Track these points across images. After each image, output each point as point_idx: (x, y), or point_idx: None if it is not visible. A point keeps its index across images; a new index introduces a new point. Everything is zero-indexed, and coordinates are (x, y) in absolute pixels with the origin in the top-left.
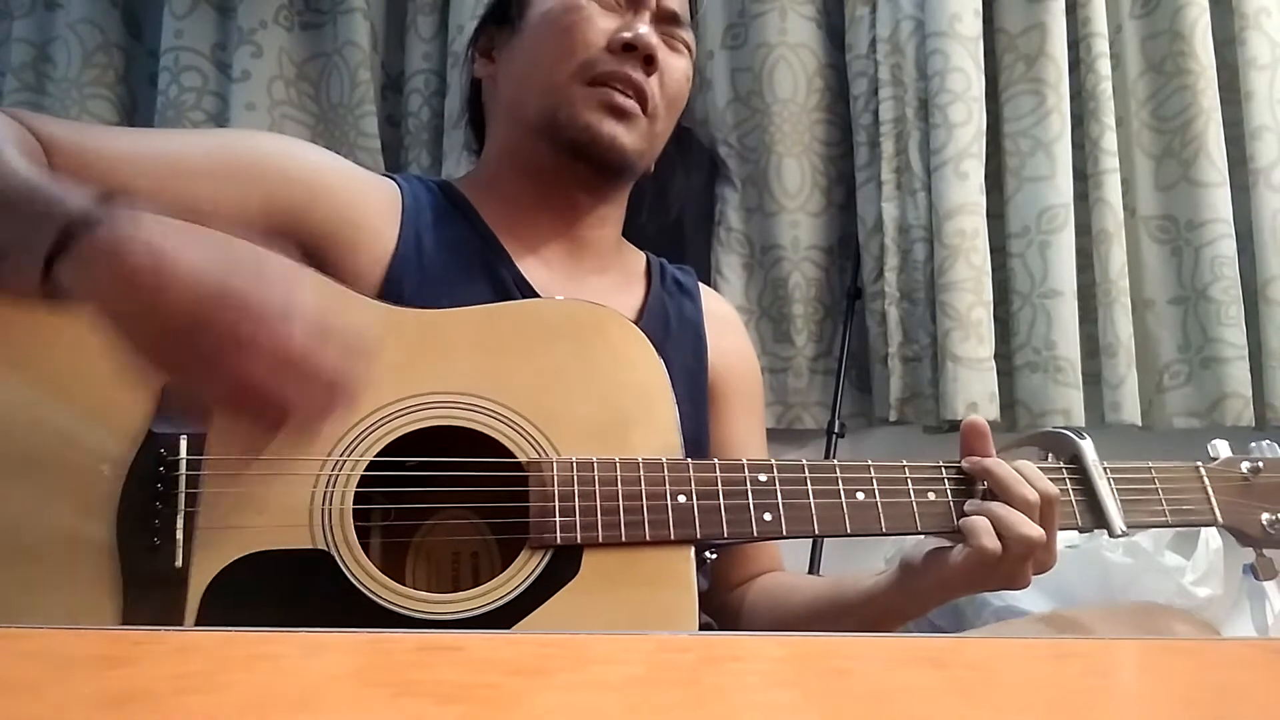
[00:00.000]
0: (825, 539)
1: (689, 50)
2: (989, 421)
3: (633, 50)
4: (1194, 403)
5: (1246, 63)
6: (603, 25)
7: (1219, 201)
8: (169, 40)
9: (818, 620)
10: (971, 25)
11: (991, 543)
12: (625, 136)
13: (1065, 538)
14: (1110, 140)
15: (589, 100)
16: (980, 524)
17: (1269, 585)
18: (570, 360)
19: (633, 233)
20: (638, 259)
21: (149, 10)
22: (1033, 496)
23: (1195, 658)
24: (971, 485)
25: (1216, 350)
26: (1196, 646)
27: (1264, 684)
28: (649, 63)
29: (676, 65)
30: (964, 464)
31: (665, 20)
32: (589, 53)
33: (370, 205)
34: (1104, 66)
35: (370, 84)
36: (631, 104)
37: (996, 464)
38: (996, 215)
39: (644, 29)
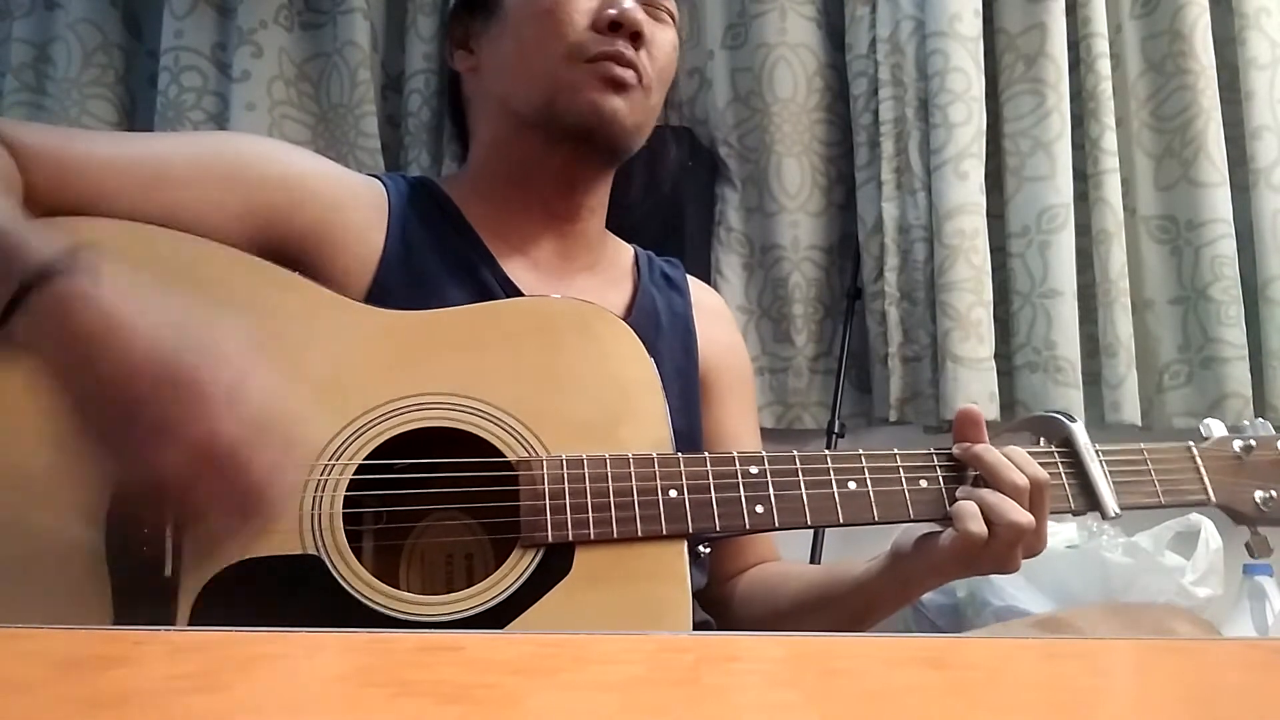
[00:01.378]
0: (825, 531)
1: (672, 18)
2: (988, 421)
3: (619, 28)
4: (1194, 403)
5: (1247, 62)
6: (585, 5)
7: (1219, 201)
8: (169, 40)
9: (810, 609)
10: (971, 25)
11: (978, 527)
12: (626, 110)
13: (1065, 538)
14: (1110, 140)
15: (586, 80)
16: (968, 508)
17: (1269, 585)
18: (558, 358)
19: (626, 213)
20: (625, 253)
21: (149, 10)
22: (1022, 482)
23: (1195, 658)
24: (964, 471)
25: (1216, 350)
26: (1196, 646)
27: (1264, 684)
28: (636, 39)
29: (664, 37)
30: (954, 450)
31: None
32: (576, 34)
33: (355, 207)
34: (1104, 66)
35: (370, 84)
36: (629, 74)
37: (986, 450)
38: (996, 215)
39: (628, 4)
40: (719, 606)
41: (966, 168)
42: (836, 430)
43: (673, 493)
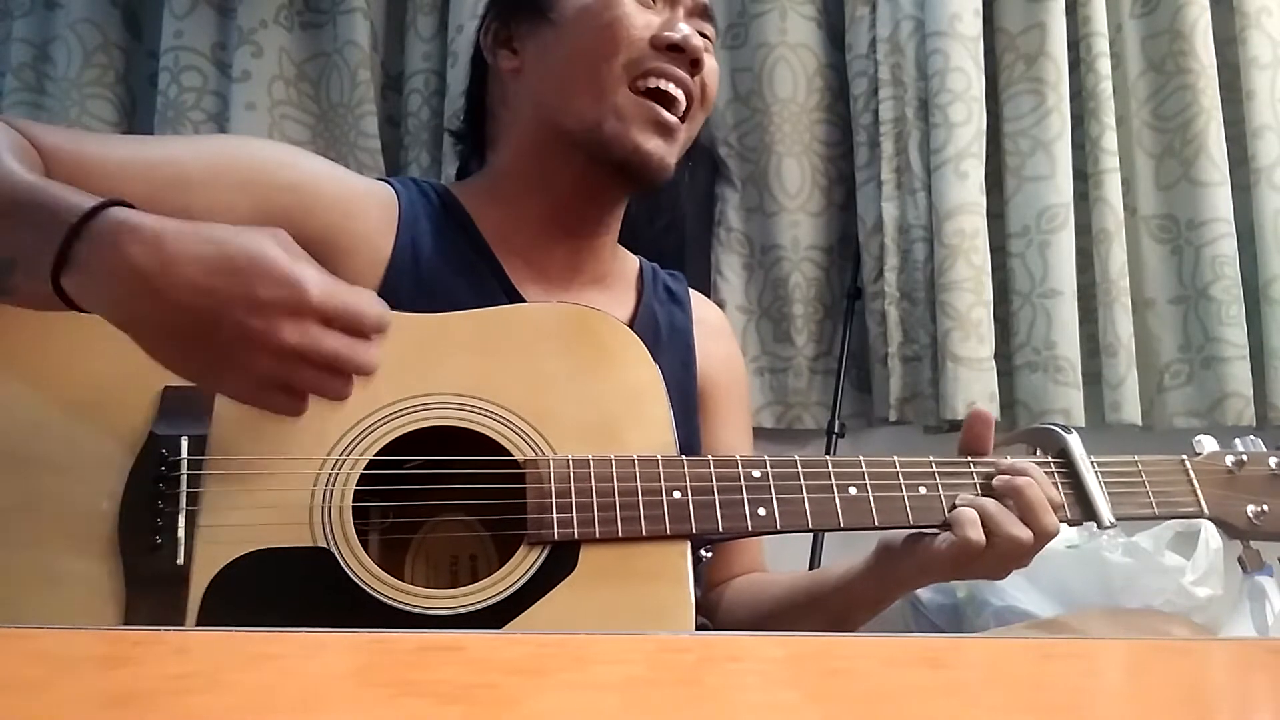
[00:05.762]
0: (825, 538)
1: (712, 45)
2: None
3: (679, 51)
4: (1195, 402)
5: (1248, 62)
6: (643, 20)
7: (1220, 201)
8: (169, 40)
9: (794, 608)
10: (971, 25)
11: (977, 535)
12: (669, 155)
13: (1065, 538)
14: (1110, 140)
15: (637, 115)
16: (969, 515)
17: (1269, 585)
18: (565, 362)
19: (644, 240)
20: (631, 265)
21: (149, 10)
22: (1053, 527)
23: (1195, 658)
24: (962, 479)
25: (1217, 350)
26: (1196, 646)
27: (1264, 684)
28: (695, 65)
29: (712, 66)
30: (995, 484)
31: (697, 14)
32: (634, 50)
33: (365, 214)
34: (1104, 66)
35: (370, 84)
36: (674, 119)
37: (1028, 485)
38: (996, 215)
39: (688, 29)
40: (705, 613)
41: (966, 168)
42: (836, 430)
43: (676, 494)
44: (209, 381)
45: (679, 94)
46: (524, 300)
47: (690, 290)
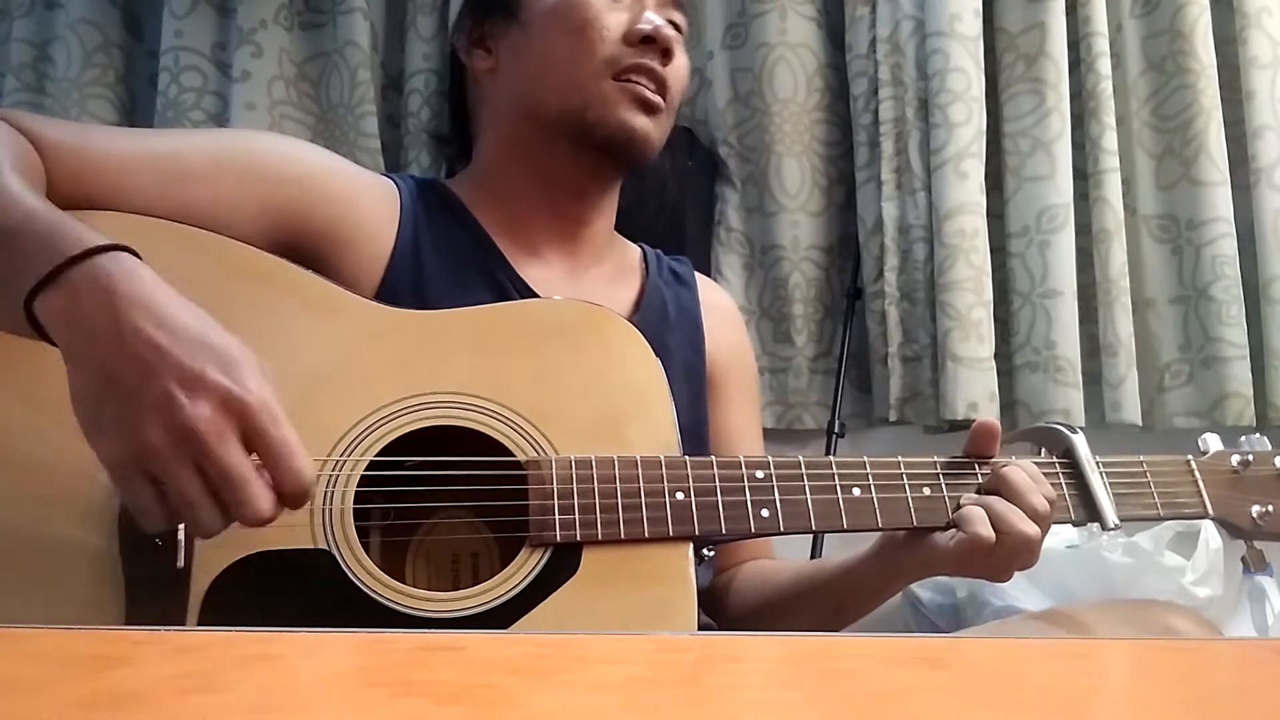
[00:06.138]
0: (827, 537)
1: (683, 34)
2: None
3: (651, 43)
4: (1195, 402)
5: (1248, 62)
6: (614, 20)
7: (1220, 200)
8: (169, 40)
9: (797, 597)
10: (971, 25)
11: (986, 531)
12: (654, 131)
13: (1066, 538)
14: (1110, 139)
15: (619, 97)
16: (976, 513)
17: (1269, 585)
18: (567, 360)
19: (637, 226)
20: (632, 251)
21: (149, 10)
22: (1043, 507)
23: (1195, 658)
24: (966, 479)
25: (1217, 350)
26: (1196, 646)
27: (1264, 684)
28: (666, 55)
29: (682, 59)
30: (984, 484)
31: (667, 4)
32: (609, 48)
33: (368, 206)
34: (1104, 66)
35: (370, 84)
36: (658, 99)
37: (1013, 471)
38: (996, 215)
39: (659, 20)
40: (710, 597)
41: (966, 168)
42: (837, 430)
43: (679, 495)
44: (100, 440)
45: (653, 86)
46: (531, 288)
47: (697, 274)
